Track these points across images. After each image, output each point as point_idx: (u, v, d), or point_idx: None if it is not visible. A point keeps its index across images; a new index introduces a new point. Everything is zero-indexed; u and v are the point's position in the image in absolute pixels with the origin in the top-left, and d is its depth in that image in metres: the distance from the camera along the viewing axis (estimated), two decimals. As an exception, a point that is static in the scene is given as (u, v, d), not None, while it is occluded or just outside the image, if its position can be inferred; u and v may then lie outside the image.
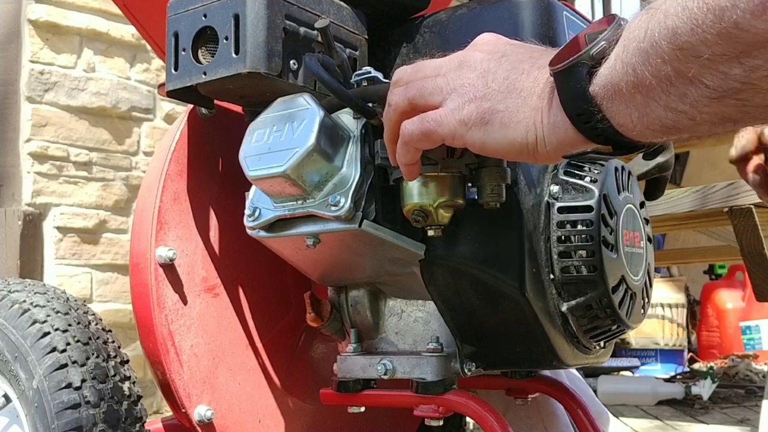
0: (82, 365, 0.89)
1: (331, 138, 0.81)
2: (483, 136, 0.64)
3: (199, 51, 0.87)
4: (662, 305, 3.69)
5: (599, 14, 4.91)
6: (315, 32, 0.87)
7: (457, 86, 0.65)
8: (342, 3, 0.94)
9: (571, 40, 0.60)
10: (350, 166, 0.81)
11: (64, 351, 0.90)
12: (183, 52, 0.87)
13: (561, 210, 0.84)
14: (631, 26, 0.55)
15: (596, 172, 0.85)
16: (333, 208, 0.80)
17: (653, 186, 1.00)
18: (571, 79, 0.58)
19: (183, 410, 0.97)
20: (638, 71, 0.53)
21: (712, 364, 3.44)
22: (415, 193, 0.78)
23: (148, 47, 2.48)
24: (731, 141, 1.05)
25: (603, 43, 0.57)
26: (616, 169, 0.87)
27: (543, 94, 0.61)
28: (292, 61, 0.86)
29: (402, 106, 0.69)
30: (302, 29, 0.87)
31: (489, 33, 0.69)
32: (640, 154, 0.89)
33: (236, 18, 0.83)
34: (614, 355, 3.48)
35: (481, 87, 0.64)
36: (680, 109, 0.52)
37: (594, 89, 0.57)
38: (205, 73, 0.85)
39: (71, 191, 2.45)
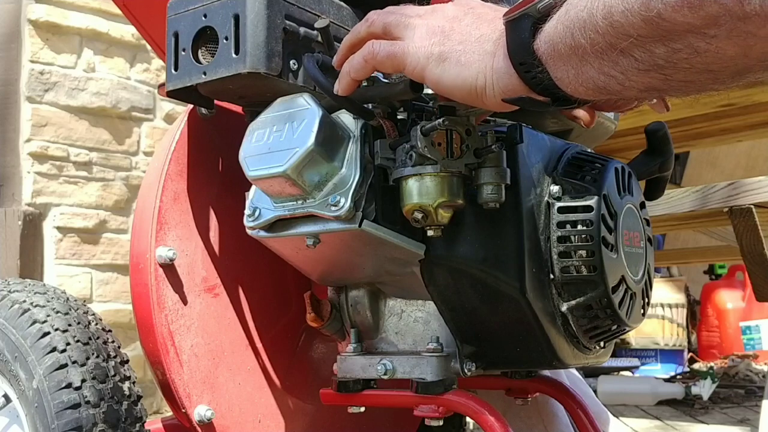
0: (82, 365, 0.89)
1: (331, 138, 0.81)
2: (440, 72, 0.69)
3: (199, 51, 0.87)
4: (662, 305, 3.69)
5: None
6: (315, 32, 0.87)
7: (428, 26, 0.71)
8: (342, 3, 0.94)
9: None
10: (350, 166, 0.81)
11: (64, 351, 0.90)
12: (183, 52, 0.87)
13: (561, 210, 0.83)
14: None
15: (596, 172, 0.85)
16: (333, 208, 0.80)
17: (653, 186, 1.00)
18: (518, 30, 0.63)
19: (183, 410, 0.97)
20: (576, 37, 0.58)
21: (712, 364, 3.44)
22: (415, 193, 0.78)
23: (148, 47, 2.48)
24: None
25: (551, 0, 0.62)
26: (617, 169, 0.87)
27: (498, 41, 0.66)
28: (292, 61, 0.86)
29: (377, 27, 0.75)
30: (302, 29, 0.87)
31: None
32: None
33: (236, 18, 0.83)
34: (614, 355, 3.48)
35: (447, 29, 0.70)
36: (611, 74, 0.58)
37: (537, 43, 0.62)
38: (205, 73, 0.85)
39: (71, 191, 2.45)
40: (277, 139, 0.81)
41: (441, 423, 0.90)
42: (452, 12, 0.71)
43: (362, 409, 0.94)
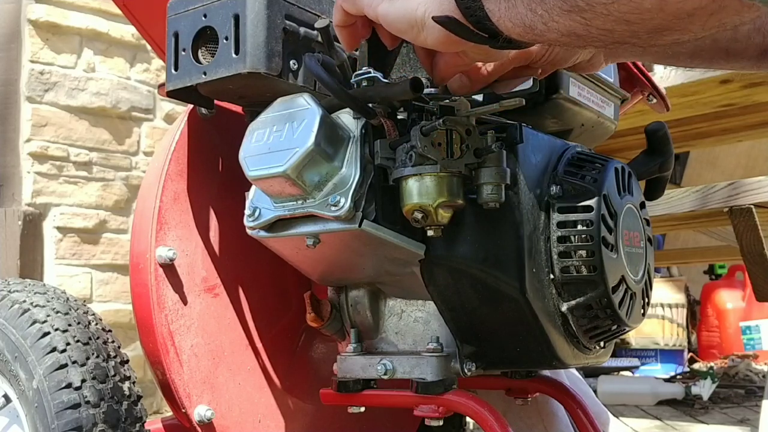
0: (82, 365, 0.89)
1: (331, 138, 0.81)
2: (388, 6, 0.71)
3: (199, 51, 0.87)
4: (662, 305, 3.69)
5: None
6: (315, 32, 0.87)
7: None
8: (342, 3, 0.94)
9: None
10: (350, 166, 0.81)
11: (64, 351, 0.90)
12: (183, 52, 0.87)
13: (561, 210, 0.84)
14: None
15: (596, 172, 0.85)
16: (333, 208, 0.80)
17: (653, 186, 1.00)
18: None
19: (183, 410, 0.97)
20: None
21: (712, 364, 3.44)
22: (414, 193, 0.78)
23: (148, 47, 2.48)
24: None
25: None
26: (617, 169, 0.87)
27: None
28: (292, 61, 0.86)
29: None
30: (302, 29, 0.87)
31: None
32: None
33: (236, 18, 0.83)
34: (614, 355, 3.48)
35: None
36: (538, 12, 0.60)
37: None
38: (205, 73, 0.85)
39: (71, 191, 2.45)
40: (277, 139, 0.81)
41: (441, 423, 0.90)
42: None
43: (362, 409, 0.94)
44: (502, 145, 0.80)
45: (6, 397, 0.98)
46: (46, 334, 0.91)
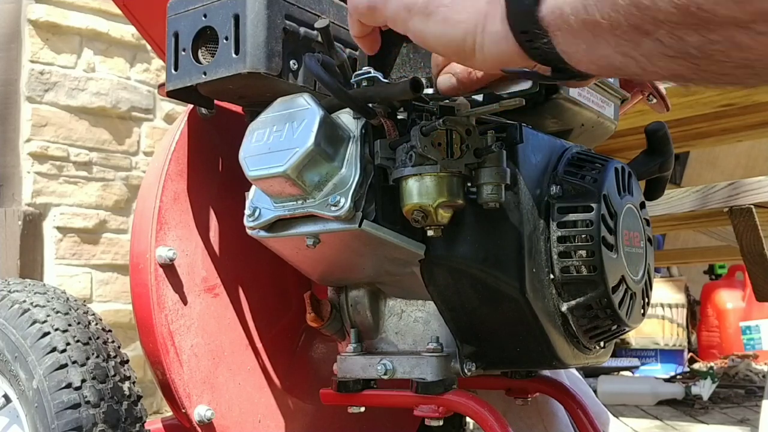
0: (82, 365, 0.89)
1: (331, 138, 0.81)
2: (423, 27, 0.63)
3: (199, 51, 0.87)
4: (662, 305, 3.69)
5: None
6: (315, 32, 0.87)
7: None
8: (342, 3, 0.94)
9: None
10: (350, 166, 0.81)
11: (64, 351, 0.90)
12: (183, 52, 0.87)
13: (561, 210, 0.84)
14: None
15: (596, 172, 0.85)
16: (333, 208, 0.80)
17: (653, 186, 1.00)
18: None
19: (183, 410, 0.97)
20: (590, 11, 0.51)
21: (712, 364, 3.44)
22: (414, 193, 0.78)
23: (148, 47, 2.48)
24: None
25: None
26: (617, 169, 0.87)
27: (492, 1, 0.59)
28: (292, 61, 0.86)
29: None
30: (302, 29, 0.87)
31: None
32: None
33: (236, 18, 0.83)
34: (614, 355, 3.48)
35: None
36: (631, 56, 0.51)
37: (543, 12, 0.55)
38: (205, 73, 0.85)
39: (71, 191, 2.45)
40: (277, 139, 0.81)
41: (441, 423, 0.90)
42: None
43: (362, 409, 0.94)
44: (502, 145, 0.80)
45: (6, 397, 0.98)
46: (46, 334, 0.91)
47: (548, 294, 0.84)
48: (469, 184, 0.80)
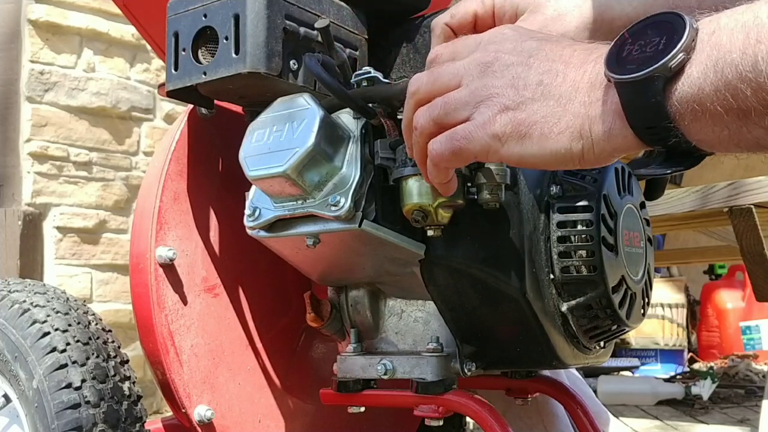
0: (82, 365, 0.89)
1: (331, 138, 0.81)
2: (521, 149, 0.58)
3: (199, 51, 0.87)
4: (662, 305, 3.69)
5: None
6: (315, 32, 0.87)
7: (483, 97, 0.59)
8: (342, 3, 0.94)
9: (620, 38, 0.55)
10: (350, 166, 0.81)
11: (64, 351, 0.90)
12: (183, 52, 0.87)
13: (561, 210, 0.84)
14: (719, 34, 0.49)
15: (596, 172, 0.85)
16: (333, 208, 0.80)
17: (653, 186, 0.99)
18: (643, 92, 0.52)
19: (183, 410, 0.97)
20: (738, 97, 0.47)
21: (712, 364, 3.43)
22: (414, 193, 0.78)
23: (148, 47, 2.48)
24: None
25: (681, 55, 0.50)
26: (617, 169, 0.87)
27: (588, 100, 0.55)
28: (292, 61, 0.86)
29: (428, 128, 0.63)
30: (302, 29, 0.87)
31: (507, 25, 0.65)
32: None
33: (236, 18, 0.83)
34: (614, 355, 3.48)
35: (512, 96, 0.58)
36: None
37: (673, 107, 0.51)
38: (205, 73, 0.85)
39: (71, 191, 2.45)
40: (277, 139, 0.81)
41: (441, 423, 0.90)
42: (509, 70, 0.59)
43: (362, 409, 0.94)
44: (502, 145, 0.80)
45: (6, 397, 0.98)
46: (46, 334, 0.91)
47: (548, 294, 0.84)
48: (469, 184, 0.80)
